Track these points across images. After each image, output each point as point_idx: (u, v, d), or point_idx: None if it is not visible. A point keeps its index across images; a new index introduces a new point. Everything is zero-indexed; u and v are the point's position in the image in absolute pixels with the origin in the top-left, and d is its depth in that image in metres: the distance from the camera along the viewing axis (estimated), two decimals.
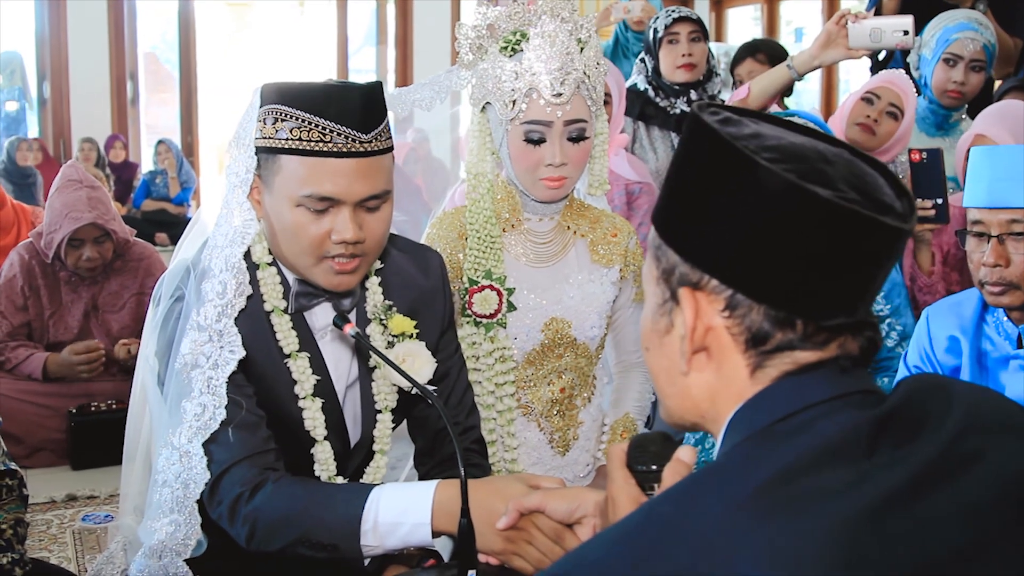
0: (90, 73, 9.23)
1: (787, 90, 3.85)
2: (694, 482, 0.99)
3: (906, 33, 3.00)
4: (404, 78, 10.18)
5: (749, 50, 4.04)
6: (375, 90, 1.80)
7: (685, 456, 1.23)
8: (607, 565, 0.94)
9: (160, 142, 9.23)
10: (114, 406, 3.93)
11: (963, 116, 3.91)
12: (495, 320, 2.27)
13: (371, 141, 1.76)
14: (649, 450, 1.31)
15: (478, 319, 2.27)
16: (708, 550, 0.90)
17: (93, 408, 3.97)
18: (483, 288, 2.26)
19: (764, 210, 1.01)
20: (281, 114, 1.75)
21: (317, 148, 1.73)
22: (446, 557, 1.81)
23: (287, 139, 1.74)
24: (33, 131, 9.35)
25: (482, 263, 2.27)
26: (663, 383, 1.16)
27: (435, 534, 1.73)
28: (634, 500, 1.28)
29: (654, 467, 1.29)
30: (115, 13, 9.31)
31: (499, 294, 2.26)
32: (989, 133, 3.20)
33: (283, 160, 1.76)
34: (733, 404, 1.08)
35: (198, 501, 1.79)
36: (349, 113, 1.73)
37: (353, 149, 1.74)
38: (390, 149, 1.82)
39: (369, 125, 1.76)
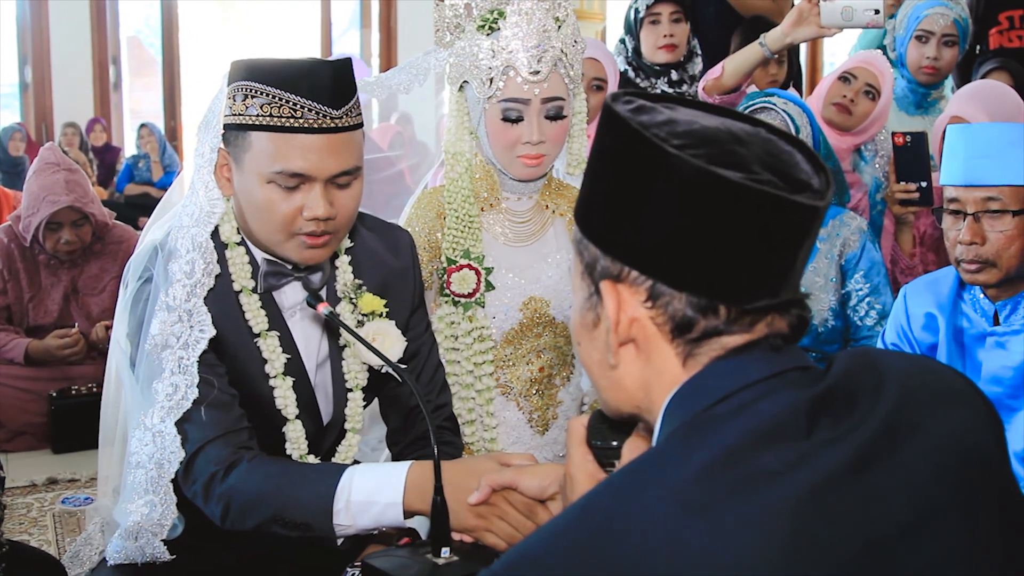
0: (72, 57, 9.19)
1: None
2: (633, 471, 0.97)
3: (877, 12, 3.01)
4: (388, 62, 10.15)
5: (752, 31, 4.02)
6: (345, 66, 1.79)
7: (645, 431, 1.22)
8: (550, 560, 0.92)
9: (143, 126, 9.18)
10: (95, 389, 3.92)
11: (943, 95, 3.92)
12: (473, 299, 2.27)
13: (341, 117, 1.75)
14: (609, 425, 1.28)
15: (456, 298, 2.27)
16: (649, 541, 0.89)
17: (74, 392, 3.97)
18: (461, 267, 2.26)
19: (677, 198, 1.00)
20: (251, 90, 1.74)
21: (287, 124, 1.72)
22: (423, 536, 1.81)
23: (257, 115, 1.73)
24: (16, 117, 9.31)
25: (460, 242, 2.26)
26: (597, 376, 1.15)
27: (408, 514, 1.73)
28: (591, 477, 1.28)
29: (613, 443, 1.27)
30: None
31: (477, 273, 2.26)
32: (965, 113, 3.22)
33: (253, 137, 1.75)
34: (667, 393, 1.07)
35: (173, 480, 1.79)
36: (319, 89, 1.73)
37: (324, 125, 1.73)
38: (360, 125, 1.82)
39: (339, 101, 1.75)
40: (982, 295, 2.39)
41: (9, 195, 5.21)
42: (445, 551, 1.61)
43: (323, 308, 1.81)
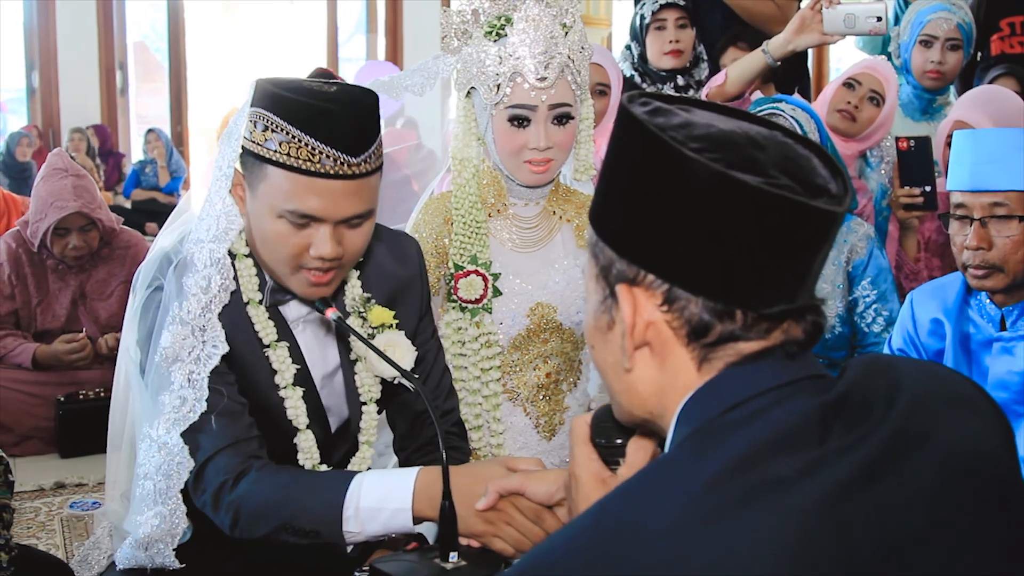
0: (79, 63, 9.21)
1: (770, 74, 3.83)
2: (645, 476, 0.97)
3: (879, 19, 3.03)
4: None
5: (732, 38, 4.05)
6: (369, 107, 1.76)
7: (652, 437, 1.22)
8: (562, 567, 0.92)
9: (150, 131, 9.21)
10: (102, 394, 3.93)
11: (949, 100, 3.93)
12: (480, 305, 2.27)
13: (360, 164, 1.72)
14: (613, 423, 1.27)
15: (464, 304, 2.27)
16: (661, 549, 0.89)
17: (81, 396, 3.98)
18: (468, 273, 2.26)
19: (694, 202, 0.99)
20: (271, 123, 1.70)
21: (304, 167, 1.69)
22: (431, 541, 1.82)
23: (275, 151, 1.70)
24: (19, 122, 9.34)
25: (468, 248, 2.27)
26: (611, 380, 1.15)
27: (416, 520, 1.73)
28: (595, 476, 1.27)
29: (618, 441, 1.26)
30: (104, 3, 9.29)
31: (484, 279, 2.27)
32: (968, 118, 3.22)
33: (269, 170, 1.72)
34: (681, 398, 1.06)
35: (183, 490, 1.79)
36: (339, 134, 1.69)
37: (341, 172, 1.70)
38: (379, 168, 1.79)
39: (359, 148, 1.71)
40: (988, 300, 2.39)
41: (17, 200, 5.22)
42: (453, 556, 1.61)
43: (331, 313, 1.81)
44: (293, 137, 1.68)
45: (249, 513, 1.75)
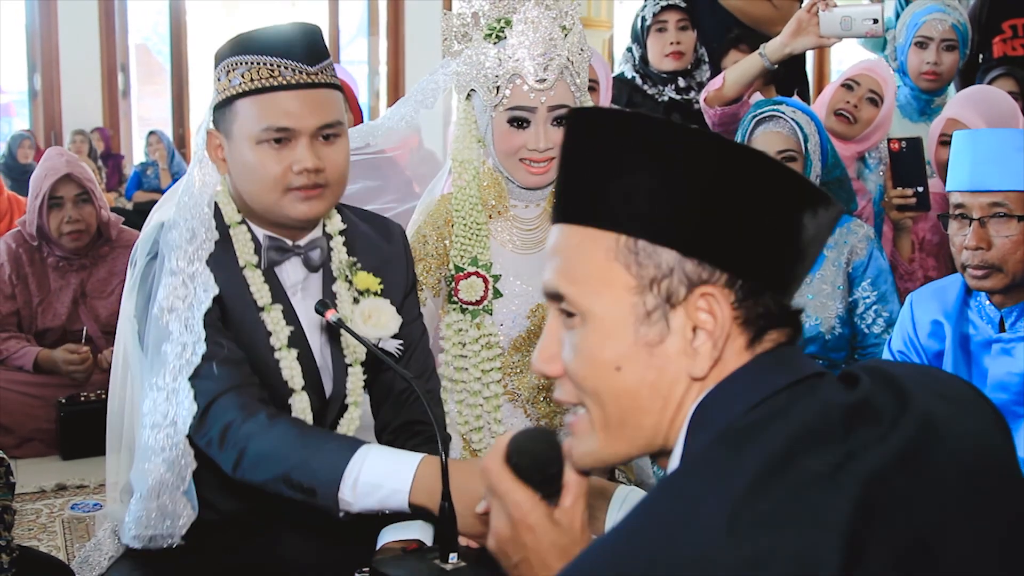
0: (81, 65, 9.23)
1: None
2: (685, 479, 0.96)
3: (875, 21, 3.04)
4: (396, 68, 10.18)
5: (733, 41, 4.06)
6: (315, 29, 1.95)
7: None
8: (619, 568, 0.91)
9: (151, 133, 9.22)
10: (103, 396, 3.90)
11: (946, 101, 3.94)
12: (481, 307, 2.28)
13: (317, 73, 1.89)
14: (542, 454, 1.22)
15: (464, 306, 2.28)
16: (715, 544, 0.88)
17: (82, 398, 3.97)
18: (469, 275, 2.27)
19: (764, 195, 1.03)
20: (232, 64, 1.88)
21: (267, 84, 1.85)
22: (431, 543, 1.82)
23: (240, 84, 1.86)
24: (25, 124, 9.35)
25: (468, 250, 2.28)
26: (644, 401, 1.07)
27: (412, 507, 1.73)
28: (548, 517, 1.20)
29: (552, 471, 1.21)
30: (106, 5, 9.31)
31: (485, 281, 2.27)
32: (961, 116, 3.24)
33: (238, 105, 1.87)
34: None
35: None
36: (293, 48, 1.87)
37: (301, 80, 1.86)
38: (337, 87, 1.94)
39: (314, 58, 1.89)
40: (988, 301, 2.39)
41: (20, 201, 5.24)
42: (453, 557, 1.62)
43: (331, 315, 1.85)
44: (252, 63, 1.86)
45: (254, 455, 1.78)
